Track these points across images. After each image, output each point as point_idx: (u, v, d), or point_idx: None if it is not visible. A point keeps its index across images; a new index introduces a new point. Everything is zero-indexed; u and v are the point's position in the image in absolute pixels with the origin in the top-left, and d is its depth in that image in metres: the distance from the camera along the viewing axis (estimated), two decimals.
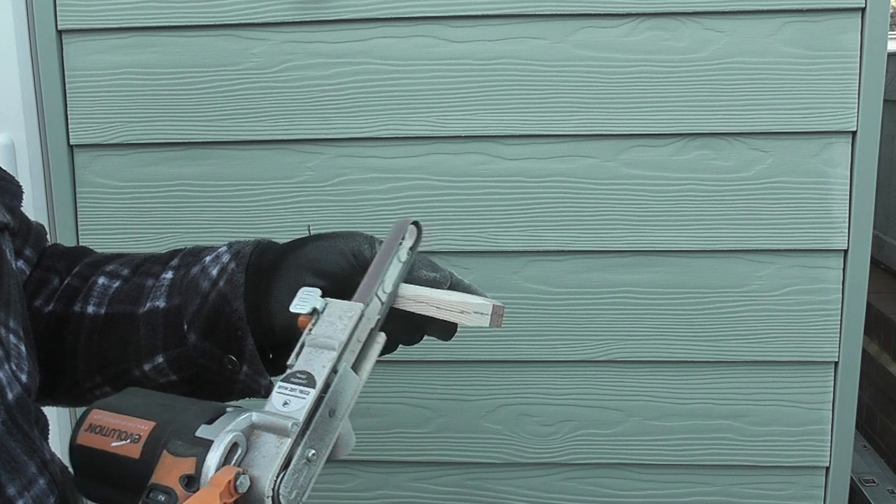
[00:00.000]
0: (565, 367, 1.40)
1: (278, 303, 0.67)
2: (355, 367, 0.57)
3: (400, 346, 0.68)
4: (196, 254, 0.73)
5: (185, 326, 0.69)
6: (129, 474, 0.51)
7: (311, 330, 0.57)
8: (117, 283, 0.74)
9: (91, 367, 0.74)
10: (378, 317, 0.61)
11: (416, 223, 0.65)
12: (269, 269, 0.68)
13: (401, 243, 0.63)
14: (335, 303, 0.59)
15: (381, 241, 0.66)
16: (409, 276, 0.65)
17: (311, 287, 0.63)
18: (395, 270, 0.63)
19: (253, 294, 0.68)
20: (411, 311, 0.64)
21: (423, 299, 0.63)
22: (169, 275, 0.73)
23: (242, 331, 0.68)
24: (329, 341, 0.56)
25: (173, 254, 0.75)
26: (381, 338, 0.60)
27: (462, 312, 0.62)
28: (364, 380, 0.58)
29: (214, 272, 0.69)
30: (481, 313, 0.62)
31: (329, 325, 0.57)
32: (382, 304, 0.61)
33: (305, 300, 0.58)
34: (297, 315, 0.58)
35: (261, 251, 0.70)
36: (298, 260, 0.66)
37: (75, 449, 0.54)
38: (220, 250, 0.72)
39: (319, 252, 0.66)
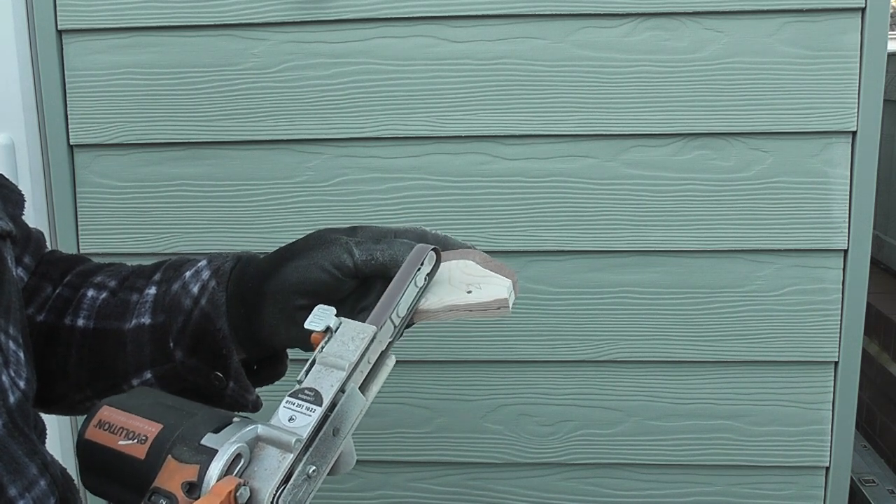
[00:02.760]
0: (565, 367, 1.40)
1: (270, 327, 0.67)
2: (363, 388, 0.58)
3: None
4: (177, 268, 0.73)
5: (172, 344, 0.70)
6: (134, 474, 0.52)
7: (322, 348, 0.58)
8: (104, 295, 0.75)
9: (81, 380, 0.74)
10: (390, 339, 0.61)
11: (435, 249, 0.65)
12: (254, 293, 0.67)
13: (419, 269, 0.63)
14: (349, 323, 0.59)
15: (359, 241, 0.66)
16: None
17: (302, 306, 0.64)
18: (410, 295, 0.63)
19: (236, 313, 0.68)
20: (445, 320, 0.65)
21: (453, 307, 0.64)
22: (152, 290, 0.73)
23: (227, 349, 0.68)
24: (339, 361, 0.56)
25: (157, 267, 0.75)
26: (391, 360, 0.61)
27: (499, 308, 0.63)
28: (371, 401, 0.58)
29: (195, 289, 0.69)
30: (511, 295, 0.64)
31: (341, 345, 0.58)
32: (395, 327, 0.62)
33: (320, 318, 0.59)
34: (309, 332, 0.59)
35: (241, 268, 0.70)
36: (282, 284, 0.66)
37: (83, 443, 0.54)
38: (199, 265, 0.72)
39: (301, 273, 0.65)
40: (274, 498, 0.50)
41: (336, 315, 0.59)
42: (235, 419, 0.53)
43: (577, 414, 1.41)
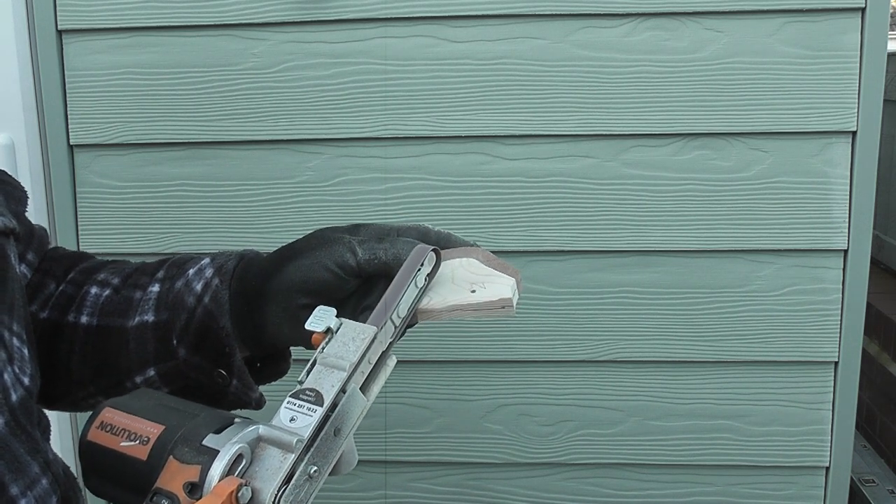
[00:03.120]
0: (565, 367, 1.40)
1: (273, 326, 0.67)
2: (364, 388, 0.58)
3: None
4: (180, 265, 0.73)
5: (175, 341, 0.70)
6: (136, 475, 0.52)
7: (323, 349, 0.58)
8: (107, 292, 0.75)
9: (84, 378, 0.74)
10: (391, 340, 0.61)
11: (435, 250, 0.65)
12: (257, 292, 0.67)
13: (419, 269, 0.63)
14: (349, 324, 0.59)
15: (362, 240, 0.66)
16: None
17: (305, 305, 0.64)
18: (410, 295, 0.63)
19: (239, 312, 0.68)
20: (449, 319, 0.65)
21: (457, 307, 0.64)
22: (155, 288, 0.73)
23: (230, 347, 0.68)
24: (340, 361, 0.57)
25: (160, 264, 0.75)
26: (392, 361, 0.61)
27: (503, 308, 0.63)
28: (371, 401, 0.59)
29: (198, 287, 0.70)
30: (514, 294, 0.64)
31: (342, 346, 0.58)
32: (396, 328, 0.62)
33: (321, 319, 0.59)
34: (311, 332, 0.59)
35: (244, 266, 0.70)
36: (286, 284, 0.66)
37: (85, 445, 0.54)
38: (202, 263, 0.72)
39: (305, 272, 0.65)
40: (275, 498, 0.50)
41: (337, 316, 0.60)
42: (237, 420, 0.53)
43: (577, 414, 1.41)
